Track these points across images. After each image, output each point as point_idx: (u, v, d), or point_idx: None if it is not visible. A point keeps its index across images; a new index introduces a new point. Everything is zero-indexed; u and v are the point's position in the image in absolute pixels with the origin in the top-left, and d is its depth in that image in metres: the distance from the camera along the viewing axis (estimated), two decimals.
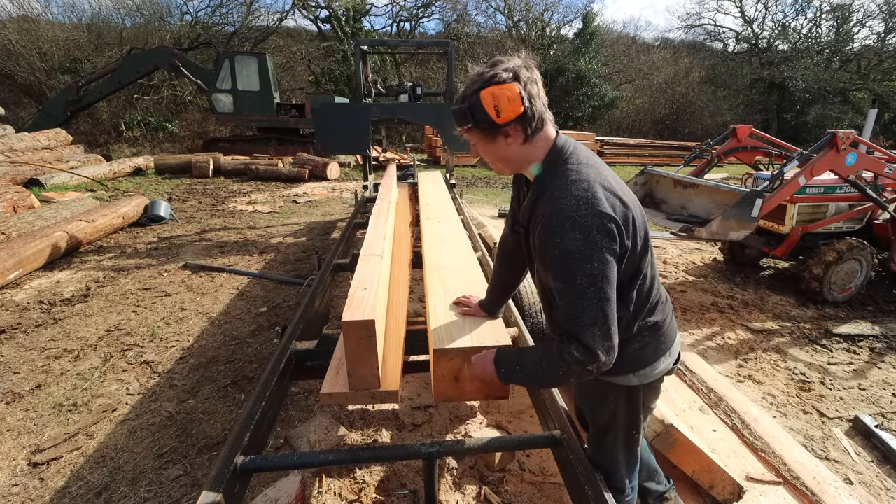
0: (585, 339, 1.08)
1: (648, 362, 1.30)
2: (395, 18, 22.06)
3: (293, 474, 1.91)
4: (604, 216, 1.07)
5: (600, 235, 1.06)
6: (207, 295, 4.12)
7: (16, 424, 2.45)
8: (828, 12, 23.26)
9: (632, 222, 1.14)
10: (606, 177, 1.16)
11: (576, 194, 1.09)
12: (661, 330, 1.31)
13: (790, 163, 3.82)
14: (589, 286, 1.06)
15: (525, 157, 1.22)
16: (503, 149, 1.19)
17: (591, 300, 1.07)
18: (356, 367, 1.42)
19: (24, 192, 6.14)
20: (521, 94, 1.10)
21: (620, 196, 1.14)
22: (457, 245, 2.42)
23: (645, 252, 1.21)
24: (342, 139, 5.10)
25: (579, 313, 1.08)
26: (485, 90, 1.11)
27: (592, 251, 1.06)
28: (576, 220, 1.06)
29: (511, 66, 1.12)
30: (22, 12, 15.73)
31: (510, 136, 1.16)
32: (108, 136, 14.35)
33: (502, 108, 1.10)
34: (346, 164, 11.93)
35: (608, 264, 1.07)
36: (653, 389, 1.41)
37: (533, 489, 2.05)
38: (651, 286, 1.27)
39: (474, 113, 1.13)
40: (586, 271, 1.06)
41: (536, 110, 1.15)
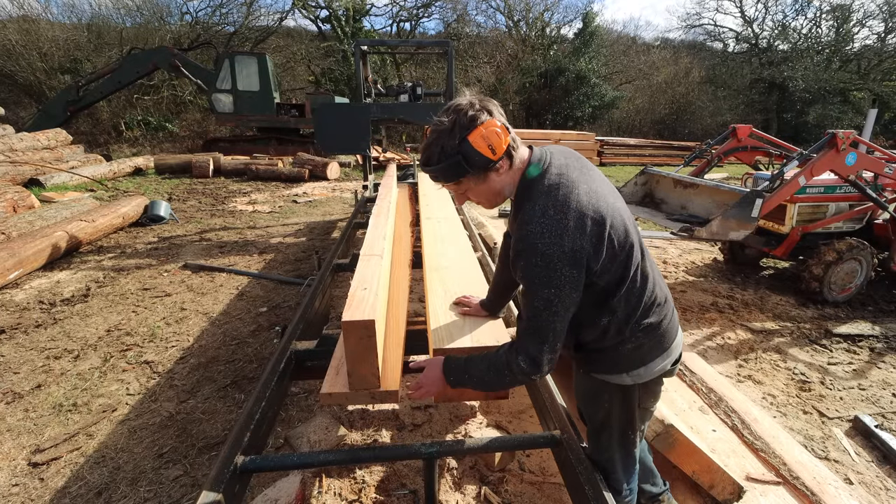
0: (533, 353, 1.16)
1: (643, 362, 1.30)
2: (395, 18, 22.07)
3: (293, 474, 1.91)
4: (566, 245, 1.09)
5: (561, 263, 1.09)
6: (207, 295, 4.12)
7: (16, 424, 2.45)
8: (828, 12, 23.28)
9: (608, 236, 1.14)
10: (580, 195, 1.15)
11: (541, 221, 1.11)
12: (658, 331, 1.30)
13: (790, 163, 3.82)
14: (545, 308, 1.12)
15: (511, 183, 1.25)
16: (495, 183, 1.22)
17: (546, 321, 1.13)
18: (356, 367, 1.42)
19: (24, 192, 6.14)
20: (505, 125, 1.15)
21: (592, 213, 1.13)
22: (457, 245, 2.42)
23: (630, 257, 1.21)
24: (342, 139, 5.10)
25: (533, 330, 1.16)
26: (472, 134, 1.12)
27: (551, 277, 1.10)
28: (538, 247, 1.10)
29: (478, 105, 1.14)
30: (22, 12, 15.73)
31: (501, 168, 1.19)
32: (108, 136, 14.35)
33: (495, 145, 1.13)
34: (346, 164, 11.93)
35: (566, 289, 1.11)
36: (649, 391, 1.40)
37: (533, 489, 2.05)
38: (644, 288, 1.26)
39: (469, 160, 1.14)
40: (544, 295, 1.11)
41: (513, 136, 1.19)
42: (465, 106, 1.14)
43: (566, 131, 16.06)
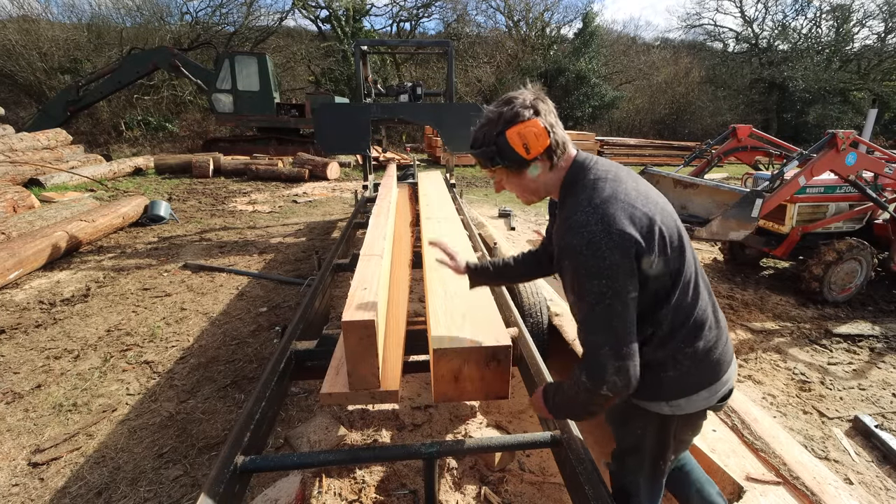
0: (593, 360, 1.07)
1: (686, 393, 1.20)
2: (395, 18, 22.07)
3: (293, 474, 1.91)
4: (614, 232, 1.03)
5: (609, 251, 1.03)
6: (207, 295, 4.12)
7: (16, 424, 2.45)
8: (828, 12, 23.27)
9: (658, 235, 1.08)
10: (627, 189, 1.12)
11: (587, 210, 1.08)
12: (707, 359, 1.20)
13: (790, 163, 3.82)
14: (597, 303, 1.04)
15: (552, 183, 1.22)
16: (530, 181, 1.21)
17: (600, 318, 1.05)
18: (356, 367, 1.42)
19: (24, 192, 6.14)
20: (546, 128, 1.12)
21: (643, 208, 1.09)
22: (457, 245, 2.41)
23: (682, 263, 1.14)
24: (342, 139, 5.10)
25: (589, 332, 1.08)
26: (510, 130, 1.11)
27: (600, 266, 1.03)
28: (585, 236, 1.05)
29: (528, 102, 1.13)
30: (22, 12, 15.74)
31: (538, 167, 1.18)
32: (108, 136, 14.36)
33: (531, 145, 1.12)
34: (346, 164, 11.93)
35: (621, 281, 1.04)
36: (689, 423, 1.30)
37: (533, 489, 2.05)
38: (695, 305, 1.17)
39: (502, 153, 1.14)
40: (595, 288, 1.04)
41: (559, 138, 1.16)
42: (516, 100, 1.13)
43: (566, 131, 16.00)
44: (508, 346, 1.44)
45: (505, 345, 1.44)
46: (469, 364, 1.43)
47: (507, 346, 1.44)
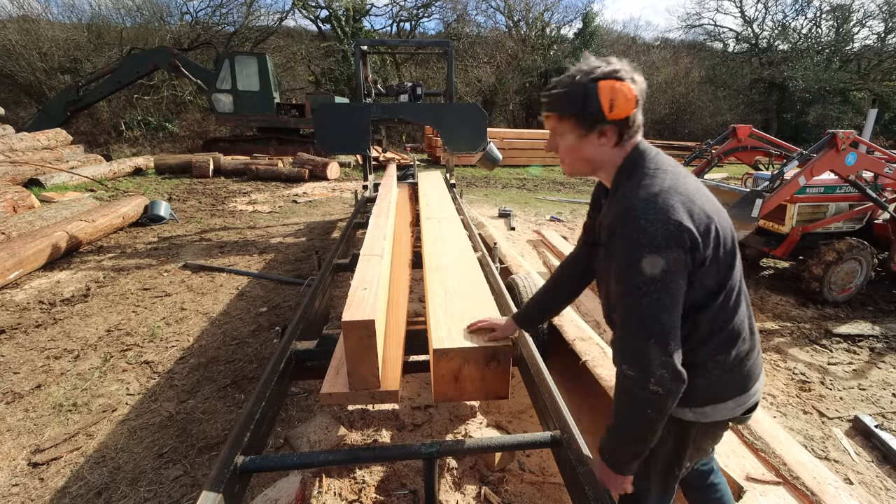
0: (636, 353, 1.02)
1: (711, 401, 1.17)
2: (395, 18, 22.07)
3: (293, 474, 1.91)
4: (672, 222, 0.99)
5: (666, 241, 0.99)
6: (207, 295, 4.12)
7: (16, 424, 2.45)
8: (828, 12, 23.27)
9: (714, 234, 1.05)
10: (687, 184, 1.08)
11: (644, 197, 1.03)
12: (737, 370, 1.17)
13: (790, 163, 3.82)
14: (646, 295, 1.00)
15: (608, 161, 1.15)
16: (590, 147, 1.13)
17: (648, 310, 1.00)
18: (356, 367, 1.42)
19: (24, 192, 6.13)
20: (637, 97, 1.08)
21: (702, 205, 1.06)
22: (457, 245, 2.42)
23: (729, 270, 1.10)
24: (342, 139, 5.09)
25: (632, 322, 1.04)
26: (605, 81, 1.05)
27: (655, 258, 0.99)
28: (641, 223, 1.00)
29: (628, 69, 1.09)
30: (22, 12, 15.74)
31: (606, 135, 1.11)
32: (108, 136, 14.35)
33: (617, 105, 1.06)
34: (346, 164, 11.93)
35: (672, 274, 0.99)
36: (710, 432, 1.26)
37: (533, 489, 2.05)
38: (734, 313, 1.14)
39: (585, 101, 1.07)
40: (645, 279, 0.99)
41: (638, 118, 1.12)
42: (616, 62, 1.09)
43: None
44: (508, 346, 1.44)
45: (505, 345, 1.44)
46: (469, 364, 1.43)
47: (507, 346, 1.44)
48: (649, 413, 1.05)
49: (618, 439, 1.14)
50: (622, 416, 1.11)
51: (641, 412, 1.05)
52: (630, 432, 1.11)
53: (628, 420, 1.10)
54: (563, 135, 1.15)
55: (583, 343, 2.59)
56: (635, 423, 1.09)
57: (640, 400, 1.04)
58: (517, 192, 9.75)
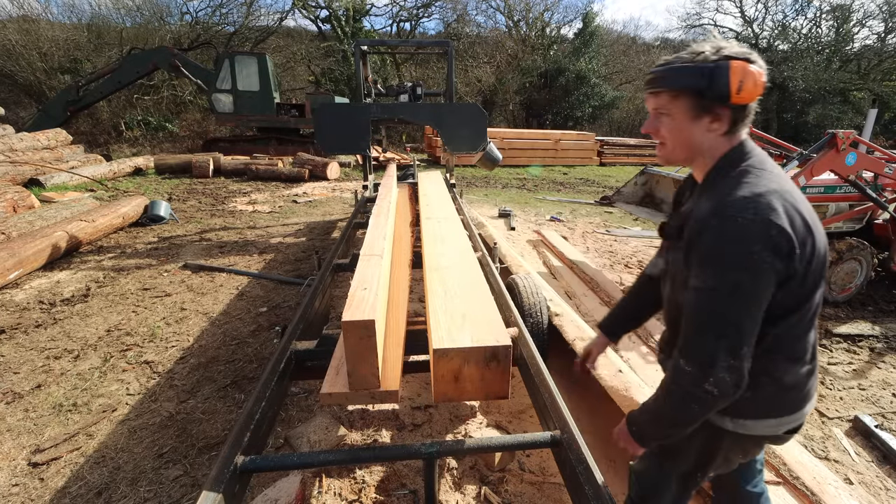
0: (704, 350, 0.97)
1: (754, 415, 1.12)
2: (395, 18, 22.08)
3: (293, 474, 1.91)
4: (774, 226, 0.93)
5: (762, 246, 0.93)
6: (207, 295, 4.12)
7: (16, 424, 2.45)
8: (828, 12, 23.28)
9: (809, 250, 0.99)
10: (791, 191, 1.02)
11: (747, 195, 0.97)
12: (790, 392, 1.11)
13: (790, 163, 3.82)
14: (730, 294, 0.95)
15: (711, 149, 1.08)
16: (699, 131, 1.07)
17: (729, 311, 0.96)
18: (356, 367, 1.42)
19: (24, 192, 6.13)
20: (763, 87, 1.02)
21: (804, 215, 0.99)
22: (457, 245, 2.42)
23: (812, 292, 1.04)
24: (342, 139, 5.09)
25: (705, 320, 0.98)
26: (737, 62, 0.99)
27: (748, 262, 0.93)
28: (739, 221, 0.95)
29: (761, 60, 1.03)
30: (22, 12, 15.75)
31: (719, 120, 1.04)
32: (108, 136, 14.36)
33: (745, 88, 0.99)
34: (346, 164, 11.93)
35: (761, 281, 0.94)
36: (743, 446, 1.20)
37: (533, 489, 2.05)
38: (802, 335, 1.08)
39: (714, 76, 1.00)
40: (732, 279, 0.95)
41: (752, 111, 1.06)
42: (744, 47, 1.03)
43: (566, 131, 16.06)
44: (508, 346, 1.44)
45: (505, 345, 1.44)
46: (469, 364, 1.43)
47: (507, 346, 1.44)
48: (695, 409, 1.02)
49: (653, 419, 1.13)
50: (665, 403, 1.08)
51: (687, 406, 1.03)
52: (668, 419, 1.09)
53: (671, 409, 1.08)
54: (672, 114, 1.08)
55: (583, 343, 2.59)
56: (677, 414, 1.07)
57: (690, 395, 1.01)
58: (517, 192, 9.75)
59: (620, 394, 2.16)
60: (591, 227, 7.02)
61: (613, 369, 2.33)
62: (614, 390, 2.20)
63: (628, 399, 2.11)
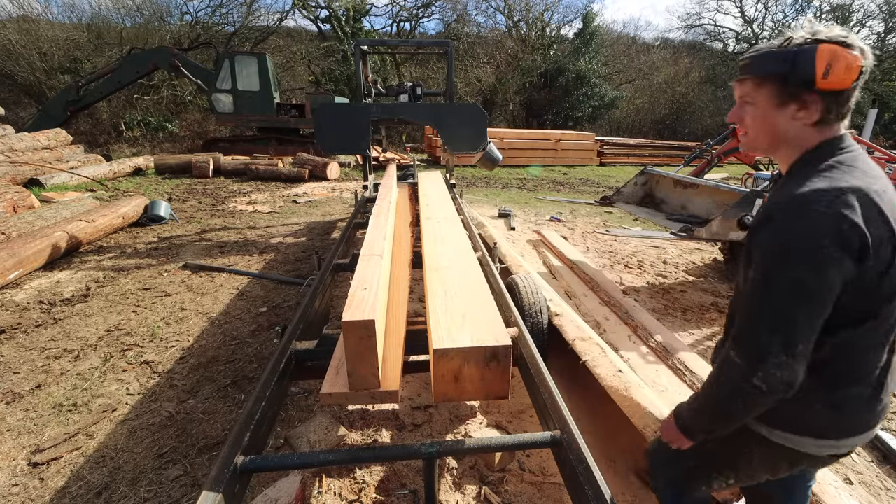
0: (752, 343, 0.93)
1: (795, 430, 1.04)
2: (395, 18, 22.09)
3: (293, 474, 1.91)
4: (847, 220, 0.87)
5: (830, 240, 0.87)
6: (207, 295, 4.12)
7: (16, 424, 2.45)
8: (828, 12, 23.30)
9: (890, 252, 0.92)
10: (881, 191, 0.93)
11: (821, 187, 0.91)
12: (842, 412, 1.02)
13: None
14: (789, 290, 0.89)
15: (797, 139, 1.01)
16: (783, 119, 1.00)
17: (788, 307, 0.90)
18: (356, 367, 1.42)
19: (24, 192, 6.13)
20: (861, 71, 0.95)
21: (888, 217, 0.92)
22: (457, 245, 2.41)
23: (884, 303, 0.95)
24: (342, 139, 5.09)
25: (761, 312, 0.93)
26: (826, 45, 0.93)
27: (813, 255, 0.87)
28: (808, 212, 0.89)
29: (861, 43, 0.96)
30: (22, 12, 15.76)
31: (807, 108, 0.97)
32: (108, 136, 14.36)
33: (834, 72, 0.92)
34: (346, 164, 11.93)
35: (826, 278, 0.88)
36: (774, 461, 1.11)
37: (533, 489, 2.05)
38: (867, 351, 0.99)
39: (797, 60, 0.94)
40: (793, 274, 0.89)
41: (852, 97, 0.99)
42: (844, 30, 0.96)
43: (566, 131, 16.06)
44: (508, 346, 1.44)
45: (505, 345, 1.44)
46: (469, 364, 1.43)
47: (507, 346, 1.44)
48: (740, 404, 0.98)
49: (698, 412, 1.09)
50: (711, 396, 1.05)
51: (733, 400, 0.99)
52: (713, 413, 1.06)
53: (716, 401, 1.04)
54: (756, 102, 1.03)
55: (583, 343, 2.59)
56: (722, 408, 1.03)
57: (737, 389, 0.96)
58: (517, 192, 9.75)
59: (620, 394, 2.16)
60: (591, 227, 7.02)
61: (613, 369, 2.33)
62: (614, 390, 2.20)
63: (628, 399, 2.11)
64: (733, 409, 1.00)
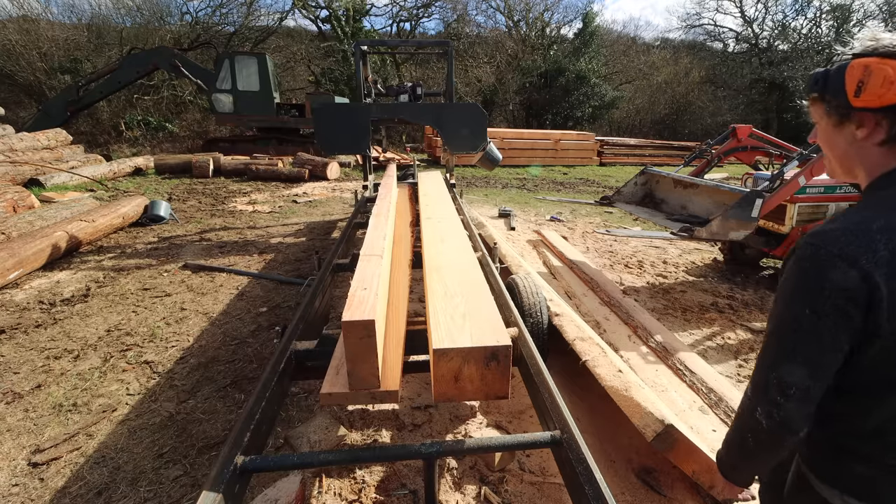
0: (757, 378, 0.92)
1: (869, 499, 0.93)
2: (395, 18, 22.10)
3: (293, 474, 1.92)
4: (859, 267, 0.79)
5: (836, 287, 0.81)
6: (207, 295, 4.12)
7: (16, 424, 2.45)
8: (828, 12, 23.29)
9: None
10: None
11: (851, 223, 0.83)
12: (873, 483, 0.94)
13: (790, 163, 3.82)
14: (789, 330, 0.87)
15: (864, 162, 0.91)
16: (842, 141, 0.92)
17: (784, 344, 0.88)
18: (356, 367, 1.42)
19: (24, 192, 6.14)
20: None
21: None
22: (457, 245, 2.41)
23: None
24: (342, 139, 5.09)
25: (766, 350, 0.92)
26: (861, 59, 0.83)
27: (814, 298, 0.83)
28: (818, 251, 0.83)
29: None
30: (22, 12, 15.76)
31: (864, 127, 0.86)
32: (108, 136, 14.37)
33: (868, 88, 0.82)
34: (346, 164, 11.93)
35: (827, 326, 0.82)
36: None
37: (533, 489, 2.05)
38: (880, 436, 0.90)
39: (829, 79, 0.88)
40: (793, 314, 0.86)
41: None
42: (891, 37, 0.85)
43: (566, 131, 16.06)
44: (508, 346, 1.44)
45: (505, 345, 1.44)
46: (469, 364, 1.43)
47: (507, 346, 1.44)
48: (749, 438, 0.97)
49: (726, 449, 1.09)
50: (732, 426, 1.05)
51: (743, 434, 0.99)
52: (732, 448, 1.06)
53: (733, 434, 1.05)
54: (818, 123, 0.96)
55: (583, 343, 2.59)
56: (736, 439, 1.03)
57: (744, 422, 0.97)
58: (517, 192, 9.75)
59: (620, 394, 2.16)
60: (591, 227, 7.02)
61: (613, 369, 2.33)
62: (614, 390, 2.20)
63: (628, 399, 2.11)
64: (744, 443, 0.99)
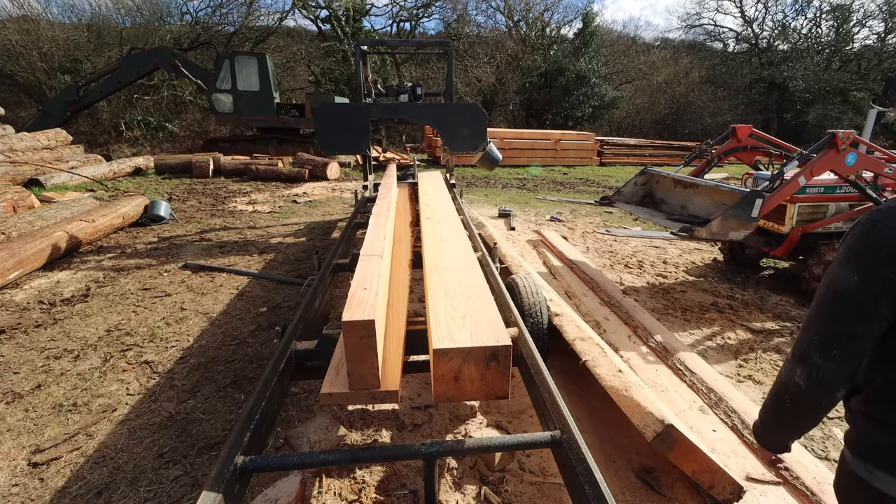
0: (799, 341, 0.97)
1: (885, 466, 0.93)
2: (395, 18, 22.09)
3: (293, 474, 1.92)
4: None
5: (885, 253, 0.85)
6: (207, 295, 4.12)
7: (16, 424, 2.45)
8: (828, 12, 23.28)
9: None
10: None
11: None
12: None
13: (790, 163, 3.82)
14: (830, 291, 0.92)
15: None
16: None
17: (824, 305, 0.93)
18: (356, 367, 1.42)
19: (24, 192, 6.14)
20: None
21: None
22: (457, 245, 2.41)
23: None
24: (342, 139, 5.09)
25: (811, 314, 0.97)
26: None
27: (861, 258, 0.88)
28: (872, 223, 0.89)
29: None
30: (22, 12, 15.75)
31: None
32: (108, 136, 14.36)
33: None
34: (346, 164, 11.93)
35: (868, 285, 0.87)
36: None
37: (533, 489, 2.05)
38: None
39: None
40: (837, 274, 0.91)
41: None
42: None
43: (566, 131, 16.06)
44: (508, 346, 1.44)
45: (505, 345, 1.44)
46: (469, 364, 1.43)
47: (507, 346, 1.44)
48: (787, 399, 1.01)
49: (762, 415, 1.14)
50: (771, 390, 1.09)
51: (781, 394, 1.03)
52: (768, 413, 1.10)
53: (771, 394, 1.09)
54: None
55: (583, 343, 2.59)
56: (774, 401, 1.08)
57: (783, 384, 1.02)
58: (517, 192, 9.75)
59: (620, 394, 2.16)
60: (591, 227, 7.02)
61: (613, 369, 2.33)
62: (614, 390, 2.20)
63: (628, 399, 2.11)
64: (780, 406, 1.04)
